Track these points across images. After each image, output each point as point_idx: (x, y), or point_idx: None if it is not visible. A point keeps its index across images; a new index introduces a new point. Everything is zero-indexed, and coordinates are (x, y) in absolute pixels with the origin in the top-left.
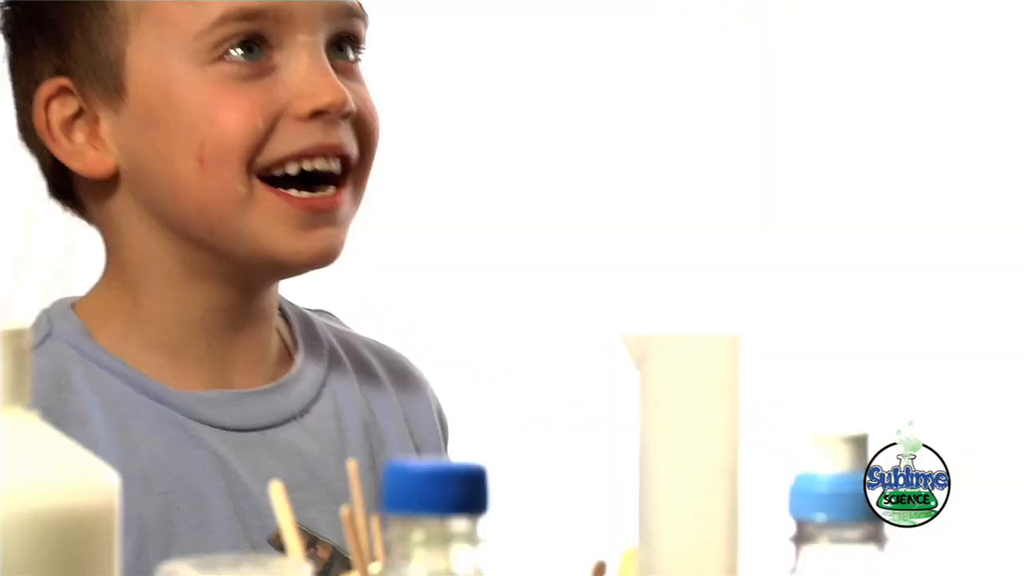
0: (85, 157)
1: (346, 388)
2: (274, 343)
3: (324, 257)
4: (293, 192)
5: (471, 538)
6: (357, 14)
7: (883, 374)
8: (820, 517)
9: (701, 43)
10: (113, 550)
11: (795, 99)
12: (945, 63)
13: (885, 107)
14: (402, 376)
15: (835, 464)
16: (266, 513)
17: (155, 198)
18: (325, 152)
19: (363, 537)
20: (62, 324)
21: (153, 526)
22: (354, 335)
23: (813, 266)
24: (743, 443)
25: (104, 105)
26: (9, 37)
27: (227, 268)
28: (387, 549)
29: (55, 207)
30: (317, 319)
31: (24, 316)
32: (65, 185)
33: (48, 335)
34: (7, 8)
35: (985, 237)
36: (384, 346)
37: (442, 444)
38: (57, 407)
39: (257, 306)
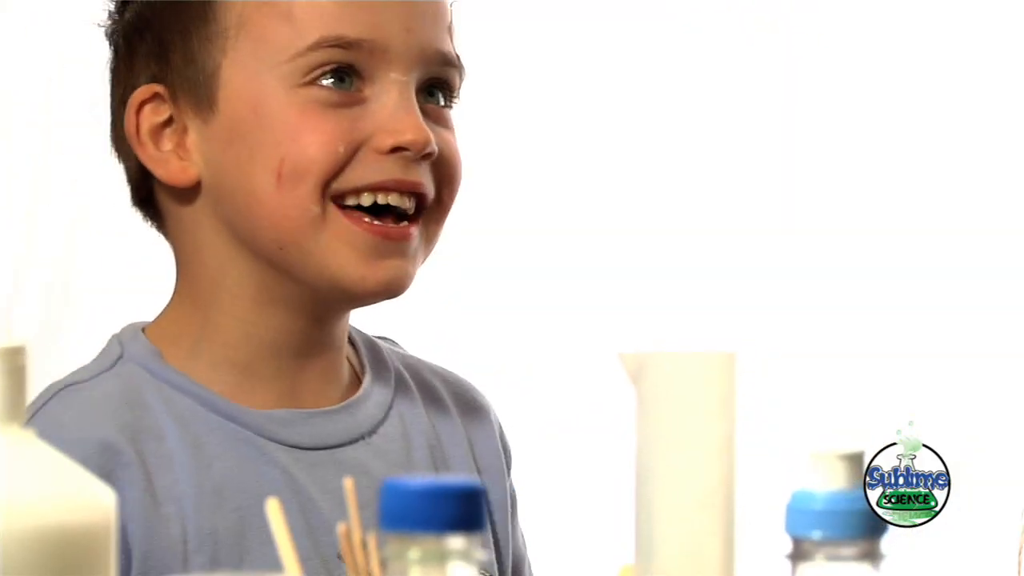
0: (169, 165)
1: (412, 411)
2: (344, 372)
3: (390, 287)
4: (365, 218)
5: (467, 556)
6: (453, 64)
7: (883, 375)
8: (816, 534)
9: (725, 50)
10: (110, 568)
11: (818, 106)
12: (965, 71)
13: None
14: (467, 402)
15: (831, 481)
16: (336, 530)
17: (231, 211)
18: (400, 188)
19: (359, 554)
20: (133, 347)
21: (226, 541)
22: (420, 361)
23: (821, 270)
24: (739, 459)
25: (194, 115)
26: (113, 44)
27: (296, 293)
28: (384, 566)
29: (55, 207)
30: (383, 345)
31: (24, 318)
32: (147, 195)
33: (120, 358)
34: (116, 16)
35: (986, 240)
36: (450, 372)
37: (505, 470)
38: (131, 423)
39: (327, 337)
